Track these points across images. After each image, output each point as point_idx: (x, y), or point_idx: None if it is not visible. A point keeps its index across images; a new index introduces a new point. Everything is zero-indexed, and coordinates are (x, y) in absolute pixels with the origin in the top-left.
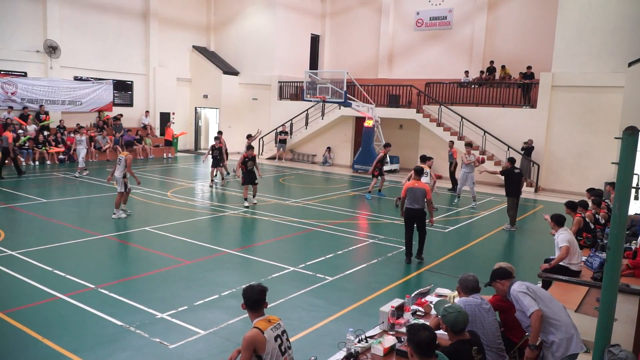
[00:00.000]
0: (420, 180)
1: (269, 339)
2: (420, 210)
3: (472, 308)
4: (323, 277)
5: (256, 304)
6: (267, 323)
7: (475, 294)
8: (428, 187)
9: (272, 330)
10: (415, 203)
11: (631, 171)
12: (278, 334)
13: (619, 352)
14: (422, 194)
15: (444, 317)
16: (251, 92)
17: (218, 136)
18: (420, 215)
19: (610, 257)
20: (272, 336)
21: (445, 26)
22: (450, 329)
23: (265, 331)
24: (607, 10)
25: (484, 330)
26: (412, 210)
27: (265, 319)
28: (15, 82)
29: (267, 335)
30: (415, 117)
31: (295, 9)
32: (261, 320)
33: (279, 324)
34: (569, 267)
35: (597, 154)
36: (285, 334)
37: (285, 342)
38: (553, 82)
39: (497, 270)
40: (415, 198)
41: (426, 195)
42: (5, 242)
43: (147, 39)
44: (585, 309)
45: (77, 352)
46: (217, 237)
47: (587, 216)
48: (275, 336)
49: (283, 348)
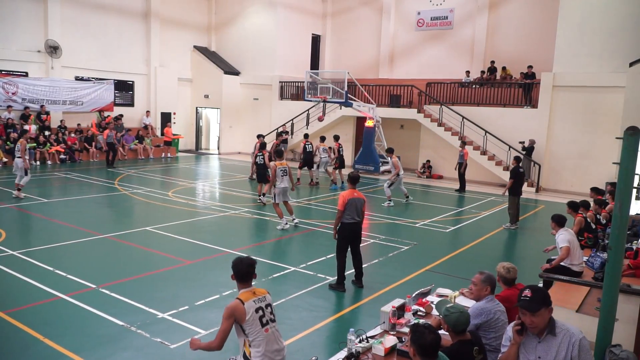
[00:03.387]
0: (357, 189)
1: (249, 309)
2: (361, 223)
3: (495, 313)
4: (324, 277)
5: (245, 276)
6: (251, 295)
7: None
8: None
9: (255, 302)
10: (357, 216)
11: (632, 171)
12: (260, 306)
13: (620, 352)
14: (362, 204)
15: (445, 317)
16: (252, 92)
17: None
18: (360, 230)
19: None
20: (253, 307)
21: (446, 26)
22: (452, 329)
23: (246, 302)
24: (608, 10)
25: (497, 334)
26: (354, 225)
27: (250, 290)
28: (16, 82)
29: (247, 306)
30: (416, 117)
31: (296, 9)
32: (246, 291)
33: (265, 297)
34: (570, 268)
35: (598, 154)
36: (270, 307)
37: (267, 314)
38: (554, 82)
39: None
40: (357, 210)
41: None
42: (6, 242)
43: (148, 39)
44: (587, 309)
45: (78, 352)
46: (218, 237)
47: (588, 216)
48: (257, 308)
49: (264, 320)
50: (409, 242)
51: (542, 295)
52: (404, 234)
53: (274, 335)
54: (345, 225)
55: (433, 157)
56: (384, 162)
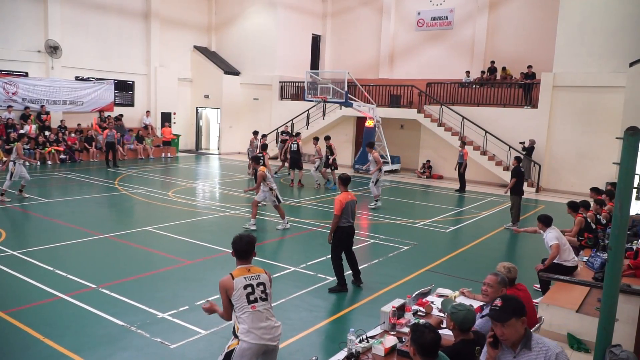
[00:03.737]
0: (349, 191)
1: (237, 285)
2: (353, 225)
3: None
4: (324, 277)
5: (243, 253)
6: (245, 271)
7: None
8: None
9: (245, 279)
10: (352, 218)
11: (632, 171)
12: (250, 284)
13: (620, 353)
14: (355, 205)
15: (452, 314)
16: (252, 92)
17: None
18: (354, 232)
19: (611, 258)
20: (242, 284)
21: (447, 26)
22: (458, 327)
23: (236, 277)
24: (609, 10)
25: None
26: (349, 228)
27: (245, 267)
28: (16, 82)
29: (237, 281)
30: (417, 117)
31: (296, 9)
32: (240, 268)
33: (259, 276)
34: (563, 264)
35: (599, 154)
36: (263, 285)
37: (257, 292)
38: (554, 82)
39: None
40: (352, 213)
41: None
42: (7, 241)
43: (148, 39)
44: (587, 309)
45: (78, 351)
46: (218, 237)
47: (588, 216)
48: (246, 285)
49: (252, 297)
50: (409, 242)
51: (512, 305)
52: (404, 234)
53: (263, 313)
54: (341, 229)
55: (433, 157)
56: (384, 162)
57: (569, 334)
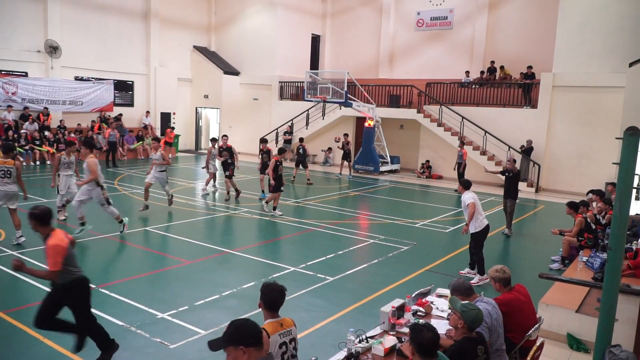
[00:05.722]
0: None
1: (273, 344)
2: None
3: (496, 312)
4: (324, 277)
5: (277, 306)
6: (277, 327)
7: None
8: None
9: (280, 337)
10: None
11: (632, 171)
12: (285, 341)
13: (620, 353)
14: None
15: (463, 312)
16: (252, 92)
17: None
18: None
19: (611, 258)
20: (278, 342)
21: (446, 26)
22: (468, 325)
23: (272, 335)
24: (608, 10)
25: (500, 333)
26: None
27: (277, 321)
28: (16, 82)
29: (272, 339)
30: (416, 117)
31: (296, 9)
32: (273, 322)
33: (290, 331)
34: (481, 224)
35: (598, 154)
36: (294, 342)
37: (290, 350)
38: (554, 82)
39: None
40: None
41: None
42: (6, 241)
43: (147, 39)
44: (586, 309)
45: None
46: (218, 237)
47: (588, 216)
48: (280, 343)
49: (286, 357)
50: (408, 242)
51: (230, 331)
52: (404, 234)
53: None
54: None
55: (433, 157)
56: (384, 162)
57: (568, 334)
